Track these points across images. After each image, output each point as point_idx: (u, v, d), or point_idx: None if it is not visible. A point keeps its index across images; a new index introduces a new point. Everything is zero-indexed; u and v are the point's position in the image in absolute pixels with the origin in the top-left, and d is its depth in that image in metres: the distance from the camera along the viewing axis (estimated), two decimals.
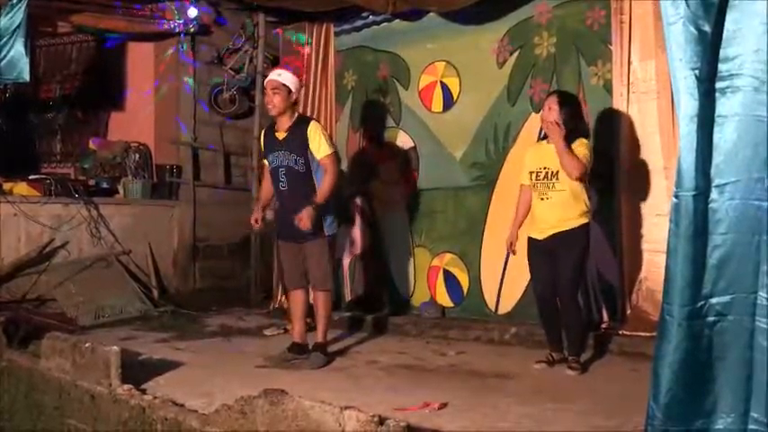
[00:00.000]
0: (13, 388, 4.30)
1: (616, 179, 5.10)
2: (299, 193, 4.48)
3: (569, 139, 4.28)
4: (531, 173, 4.45)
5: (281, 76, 4.52)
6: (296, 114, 4.61)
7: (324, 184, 4.45)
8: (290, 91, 4.48)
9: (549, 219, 4.35)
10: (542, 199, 4.37)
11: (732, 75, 2.15)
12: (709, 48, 2.13)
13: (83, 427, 3.65)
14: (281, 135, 4.55)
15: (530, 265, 4.54)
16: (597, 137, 5.19)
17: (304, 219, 4.33)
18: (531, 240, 4.48)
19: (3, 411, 4.37)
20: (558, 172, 4.28)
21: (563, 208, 4.30)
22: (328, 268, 4.61)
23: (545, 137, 4.48)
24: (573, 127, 4.32)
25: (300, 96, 4.95)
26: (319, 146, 4.46)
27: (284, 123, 4.53)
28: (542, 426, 3.16)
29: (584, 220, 4.33)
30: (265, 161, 4.78)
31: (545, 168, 4.36)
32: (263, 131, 4.81)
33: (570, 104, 4.40)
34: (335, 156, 4.57)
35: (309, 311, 4.93)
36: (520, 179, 4.59)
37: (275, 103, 4.48)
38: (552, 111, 4.32)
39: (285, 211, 4.60)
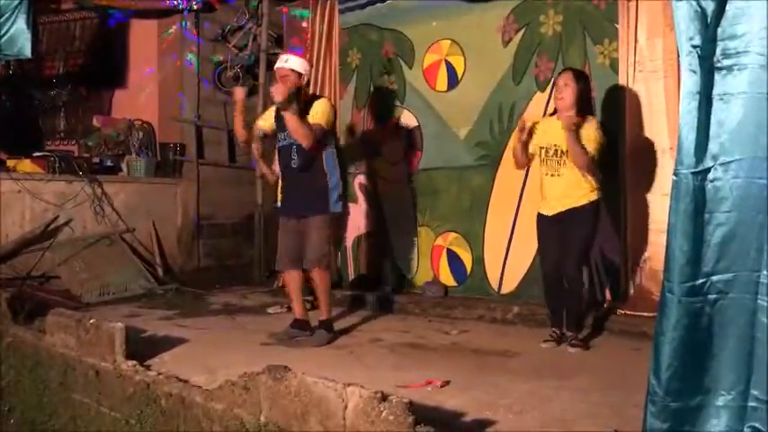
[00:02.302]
0: (19, 363, 4.34)
1: (621, 159, 5.07)
2: (311, 170, 4.54)
3: (580, 114, 4.30)
4: (540, 148, 4.45)
5: (288, 62, 4.56)
6: (308, 94, 4.64)
7: (303, 124, 4.37)
8: (299, 75, 4.53)
9: (558, 195, 4.37)
10: (552, 175, 4.39)
11: (739, 52, 2.13)
12: (712, 26, 2.11)
13: (87, 403, 3.69)
14: None
15: (539, 240, 4.58)
16: (603, 116, 5.17)
17: (279, 89, 4.34)
18: (540, 216, 4.51)
19: (8, 387, 4.41)
20: (567, 152, 4.30)
21: (573, 185, 4.32)
22: (325, 247, 4.61)
23: (554, 112, 4.47)
24: (584, 104, 4.35)
25: (310, 76, 4.99)
26: (315, 114, 4.46)
27: (298, 103, 4.52)
28: (543, 403, 3.18)
29: (594, 197, 4.36)
30: (258, 125, 4.85)
31: (555, 146, 4.36)
32: (274, 107, 4.73)
33: (584, 81, 4.42)
34: (322, 131, 4.48)
35: (310, 291, 4.97)
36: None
37: (285, 86, 4.47)
38: (568, 87, 4.34)
39: (293, 187, 4.66)
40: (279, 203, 5.01)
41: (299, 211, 4.60)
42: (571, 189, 4.32)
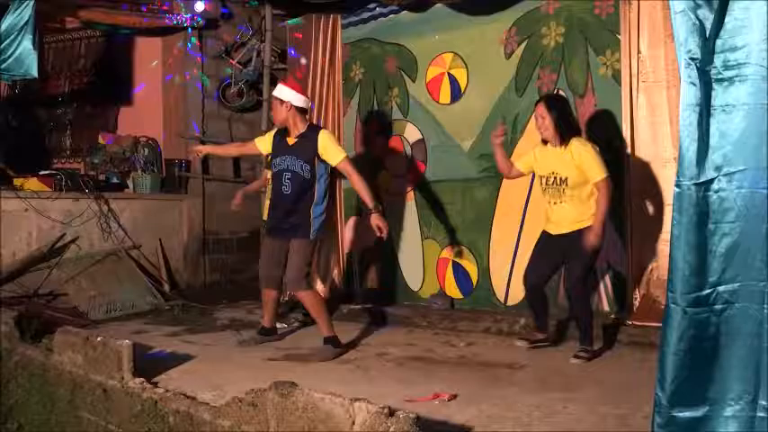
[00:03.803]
0: (27, 382, 4.34)
1: (625, 169, 5.08)
2: (300, 198, 4.64)
3: (566, 140, 4.38)
4: (540, 177, 4.52)
5: (276, 90, 4.75)
6: (306, 122, 4.76)
7: (359, 188, 4.58)
8: (282, 102, 4.63)
9: (562, 221, 4.43)
10: (555, 203, 4.45)
11: (740, 64, 2.15)
12: (712, 38, 2.13)
13: (95, 420, 3.69)
14: (291, 140, 4.71)
15: (534, 251, 4.64)
16: (606, 127, 5.19)
17: (381, 225, 4.51)
18: (544, 233, 4.58)
19: (17, 405, 4.41)
20: (567, 178, 4.36)
21: (576, 211, 4.38)
22: (303, 270, 4.67)
23: (543, 141, 4.54)
24: (566, 128, 4.41)
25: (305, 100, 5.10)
26: (333, 152, 4.62)
27: (294, 131, 4.69)
28: (551, 416, 3.17)
29: None
30: (257, 145, 5.03)
31: (554, 174, 4.42)
32: (274, 131, 4.90)
33: (558, 106, 4.48)
34: (348, 158, 4.70)
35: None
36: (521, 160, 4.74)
37: (274, 115, 4.77)
38: (545, 119, 4.42)
39: (282, 212, 4.73)
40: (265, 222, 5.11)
41: (282, 235, 4.72)
42: (574, 214, 4.38)
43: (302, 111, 4.70)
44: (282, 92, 4.67)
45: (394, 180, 6.60)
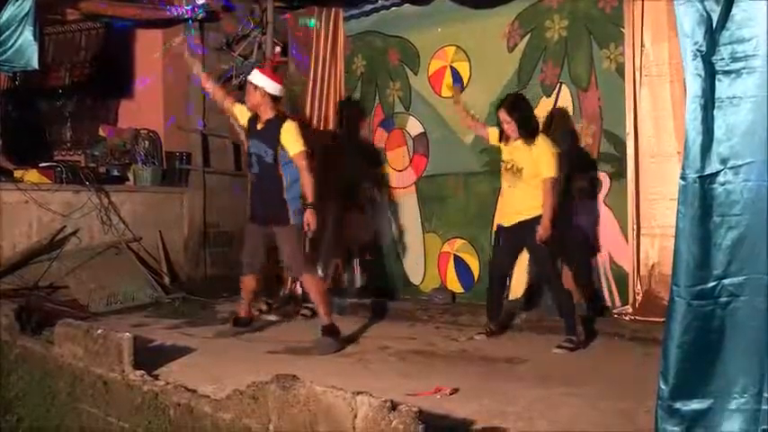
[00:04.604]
0: (27, 374, 4.33)
1: (628, 164, 5.06)
2: (268, 180, 4.77)
3: (530, 139, 4.58)
4: (503, 162, 4.75)
5: (251, 74, 4.85)
6: (275, 111, 4.83)
7: (304, 183, 4.64)
8: (256, 87, 4.71)
9: (515, 206, 4.67)
10: (510, 187, 4.69)
11: (748, 56, 2.13)
12: (718, 30, 2.11)
13: (95, 413, 3.68)
14: (260, 126, 4.82)
15: (493, 248, 4.91)
16: (609, 121, 5.18)
17: (311, 222, 4.56)
18: (499, 227, 4.83)
19: (17, 397, 4.40)
20: (522, 169, 4.59)
21: (528, 197, 4.57)
22: (299, 255, 4.83)
23: (507, 138, 4.73)
24: (529, 126, 4.62)
25: (281, 91, 4.96)
26: (291, 143, 4.68)
27: (263, 116, 4.79)
28: (553, 410, 3.16)
29: None
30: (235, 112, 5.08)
31: (512, 161, 4.65)
32: (251, 115, 4.93)
33: (519, 108, 4.66)
34: (306, 154, 4.72)
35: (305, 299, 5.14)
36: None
37: (247, 99, 4.86)
38: (510, 124, 4.61)
39: (257, 195, 4.95)
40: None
41: (262, 221, 4.86)
42: (527, 200, 4.57)
43: (275, 98, 4.79)
44: (257, 77, 4.76)
45: (395, 173, 6.58)
